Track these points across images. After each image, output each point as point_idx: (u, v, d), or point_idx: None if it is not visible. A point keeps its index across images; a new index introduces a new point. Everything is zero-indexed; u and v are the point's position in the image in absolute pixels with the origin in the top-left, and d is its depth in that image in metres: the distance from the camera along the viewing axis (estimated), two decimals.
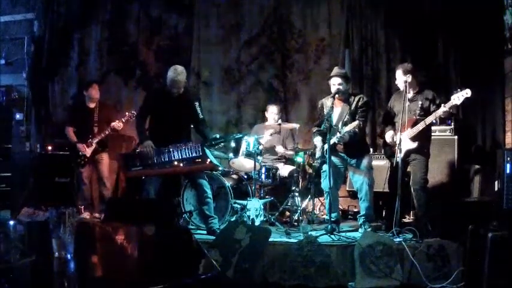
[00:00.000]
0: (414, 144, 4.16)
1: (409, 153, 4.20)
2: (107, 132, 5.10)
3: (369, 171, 4.36)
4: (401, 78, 4.31)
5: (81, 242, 1.80)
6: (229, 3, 6.28)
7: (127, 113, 5.13)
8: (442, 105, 4.08)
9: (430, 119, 4.12)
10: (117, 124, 5.06)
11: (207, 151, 4.19)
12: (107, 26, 6.46)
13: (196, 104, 4.25)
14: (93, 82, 5.42)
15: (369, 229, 4.25)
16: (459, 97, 3.98)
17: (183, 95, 4.29)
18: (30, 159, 6.05)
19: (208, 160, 4.14)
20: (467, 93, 3.96)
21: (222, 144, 4.43)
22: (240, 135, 4.34)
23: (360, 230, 4.35)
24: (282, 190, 5.10)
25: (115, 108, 5.98)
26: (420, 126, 4.13)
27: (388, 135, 4.37)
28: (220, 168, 4.99)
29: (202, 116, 4.26)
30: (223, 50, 6.28)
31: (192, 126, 4.46)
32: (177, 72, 4.18)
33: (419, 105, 4.25)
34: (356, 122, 4.13)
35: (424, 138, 4.23)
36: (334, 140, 4.23)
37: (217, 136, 4.28)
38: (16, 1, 6.57)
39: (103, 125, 5.16)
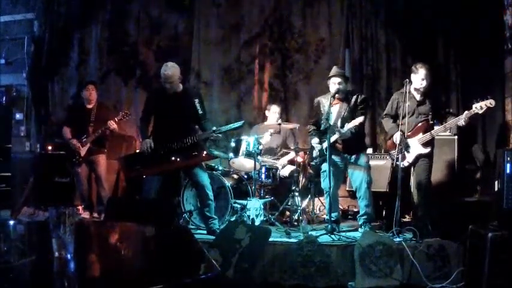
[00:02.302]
0: (427, 150, 4.16)
1: (418, 157, 4.19)
2: (100, 132, 5.05)
3: (367, 169, 4.36)
4: (426, 78, 4.13)
5: (81, 242, 1.80)
6: (229, 3, 6.28)
7: (121, 113, 5.09)
8: (466, 112, 3.93)
9: (446, 126, 4.08)
10: (110, 123, 5.01)
11: (204, 144, 4.20)
12: (107, 26, 6.47)
13: (196, 100, 4.22)
14: (88, 83, 5.37)
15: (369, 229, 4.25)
16: (482, 106, 3.82)
17: (182, 93, 4.29)
18: (30, 159, 6.05)
19: (204, 152, 4.14)
20: (491, 103, 3.79)
21: (220, 135, 4.39)
22: (237, 125, 4.29)
23: (360, 229, 4.35)
24: (282, 190, 5.10)
25: (114, 109, 5.97)
26: (434, 132, 4.11)
27: (397, 137, 4.20)
28: (220, 168, 4.99)
29: (202, 112, 4.24)
30: (223, 50, 6.28)
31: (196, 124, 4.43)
32: (166, 67, 4.17)
33: (429, 109, 4.20)
34: (361, 118, 4.14)
35: (433, 142, 4.24)
36: (335, 136, 4.24)
37: (214, 128, 4.26)
38: (16, 1, 6.57)
39: (99, 125, 5.13)
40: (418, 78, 4.15)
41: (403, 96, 4.29)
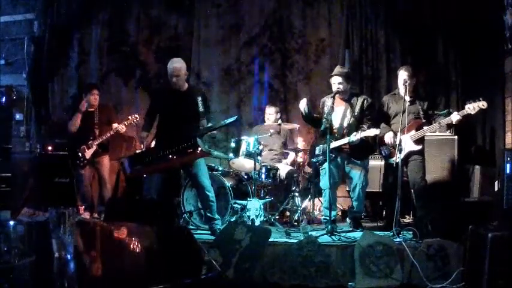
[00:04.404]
0: (418, 147, 4.21)
1: (410, 154, 4.23)
2: (108, 135, 5.08)
3: (365, 173, 4.41)
4: (405, 80, 4.26)
5: (81, 242, 1.80)
6: (229, 3, 6.28)
7: (130, 117, 5.11)
8: (455, 113, 4.04)
9: (436, 126, 4.12)
10: (120, 127, 5.04)
11: (199, 140, 4.20)
12: (107, 26, 6.47)
13: (199, 98, 4.20)
14: (93, 87, 5.35)
15: (358, 230, 4.38)
16: (474, 107, 3.92)
17: (187, 91, 4.28)
18: (30, 159, 6.04)
19: (199, 149, 4.14)
20: (483, 105, 3.90)
21: (215, 132, 4.38)
22: (231, 120, 4.27)
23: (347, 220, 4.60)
24: (282, 190, 5.10)
25: (115, 109, 5.97)
26: (427, 130, 4.15)
27: (388, 136, 4.34)
28: (220, 168, 4.99)
29: (202, 110, 4.20)
30: (223, 50, 6.28)
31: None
32: (173, 61, 4.18)
33: (420, 108, 4.27)
34: (377, 131, 4.16)
35: (424, 140, 4.30)
36: (345, 140, 4.27)
37: (209, 125, 4.24)
38: (16, 1, 6.57)
39: (104, 126, 5.14)
40: (398, 81, 4.34)
41: (392, 98, 4.51)
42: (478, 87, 5.27)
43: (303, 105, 4.42)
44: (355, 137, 4.18)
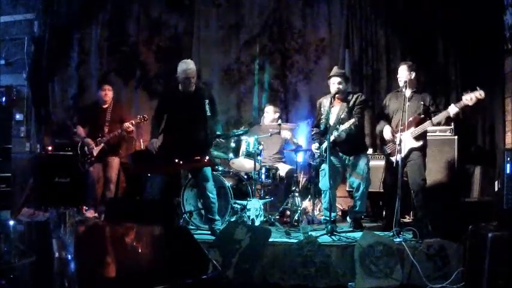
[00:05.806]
0: (418, 143, 4.18)
1: (410, 152, 4.21)
2: (116, 133, 5.04)
3: (366, 171, 4.39)
4: (404, 74, 4.27)
5: (81, 242, 1.81)
6: (229, 3, 6.28)
7: (138, 116, 5.09)
8: (453, 104, 4.01)
9: (438, 118, 4.08)
10: (127, 125, 5.01)
11: (207, 150, 4.22)
12: (107, 26, 6.46)
13: (207, 101, 4.19)
14: (104, 84, 5.34)
15: (359, 230, 4.36)
16: (472, 98, 3.87)
17: (194, 93, 4.28)
18: (30, 159, 6.04)
19: (206, 158, 4.16)
20: (480, 94, 3.84)
21: (222, 140, 4.41)
22: (240, 132, 4.31)
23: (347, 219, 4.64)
24: (282, 190, 5.10)
25: (128, 108, 5.95)
26: (427, 125, 4.12)
27: (387, 131, 4.32)
28: (220, 168, 4.99)
29: (210, 114, 4.19)
30: (223, 50, 6.28)
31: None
32: (187, 64, 4.18)
33: (419, 106, 4.25)
34: (352, 120, 4.15)
35: (425, 137, 4.27)
36: (332, 137, 4.24)
37: (219, 133, 4.27)
38: (16, 1, 6.57)
39: (115, 124, 5.09)
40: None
41: (394, 95, 4.49)
42: (478, 87, 5.25)
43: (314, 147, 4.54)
44: (337, 132, 4.19)
